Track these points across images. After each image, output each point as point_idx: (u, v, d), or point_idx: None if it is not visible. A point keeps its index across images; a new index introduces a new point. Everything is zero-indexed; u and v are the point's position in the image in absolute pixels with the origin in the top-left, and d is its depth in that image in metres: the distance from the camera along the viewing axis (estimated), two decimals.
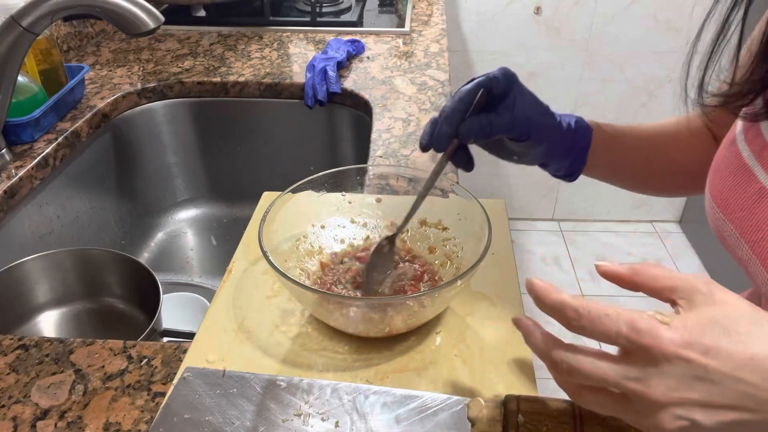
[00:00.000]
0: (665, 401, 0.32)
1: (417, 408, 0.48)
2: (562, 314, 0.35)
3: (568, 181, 0.67)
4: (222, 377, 0.51)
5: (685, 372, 0.32)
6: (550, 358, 0.36)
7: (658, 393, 0.32)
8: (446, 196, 0.64)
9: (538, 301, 0.36)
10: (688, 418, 0.33)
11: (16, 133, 0.88)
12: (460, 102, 0.56)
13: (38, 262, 0.79)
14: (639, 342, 0.32)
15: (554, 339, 0.36)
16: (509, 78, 0.57)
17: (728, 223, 0.49)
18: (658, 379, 0.32)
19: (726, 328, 0.32)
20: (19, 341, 0.58)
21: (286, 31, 1.34)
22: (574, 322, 0.34)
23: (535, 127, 0.58)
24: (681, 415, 0.33)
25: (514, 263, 0.64)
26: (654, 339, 0.32)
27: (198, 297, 1.02)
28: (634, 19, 1.95)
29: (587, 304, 0.34)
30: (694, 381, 0.32)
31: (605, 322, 0.33)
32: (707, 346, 0.32)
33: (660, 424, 0.33)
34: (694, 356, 0.32)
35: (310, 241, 0.64)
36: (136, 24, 0.78)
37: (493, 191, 2.29)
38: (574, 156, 0.63)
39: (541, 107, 0.59)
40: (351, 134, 1.12)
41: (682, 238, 2.29)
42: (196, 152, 1.20)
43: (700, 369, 0.32)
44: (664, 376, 0.32)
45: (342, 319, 0.54)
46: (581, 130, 0.63)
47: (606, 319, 0.33)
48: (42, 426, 0.49)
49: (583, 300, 0.35)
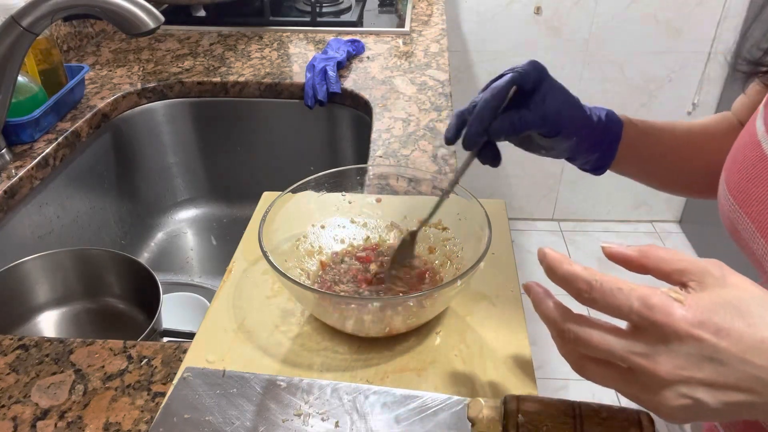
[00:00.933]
0: (671, 379, 0.32)
1: (417, 408, 0.48)
2: (573, 286, 0.34)
3: (596, 174, 0.65)
4: (222, 377, 0.51)
5: (694, 351, 0.32)
6: (557, 327, 0.35)
7: (665, 370, 0.32)
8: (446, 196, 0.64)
9: (550, 271, 0.36)
10: (693, 397, 0.33)
11: (16, 133, 0.88)
12: (492, 99, 0.55)
13: (38, 262, 0.79)
14: (651, 318, 0.32)
15: (564, 308, 0.36)
16: (540, 72, 0.56)
17: (744, 216, 0.49)
18: (667, 356, 0.32)
19: (739, 310, 0.32)
20: (19, 341, 0.58)
21: (286, 31, 1.34)
22: (586, 294, 0.34)
23: (565, 122, 0.57)
24: (685, 393, 0.33)
25: (514, 263, 0.64)
26: (666, 316, 0.32)
27: (198, 297, 1.02)
28: (634, 19, 1.95)
29: (600, 276, 0.34)
30: (703, 360, 0.32)
31: (617, 296, 0.33)
32: (719, 327, 0.32)
33: (663, 401, 0.33)
34: (705, 336, 0.32)
35: (310, 241, 0.64)
36: (136, 24, 0.78)
37: (493, 191, 2.29)
38: (602, 150, 0.62)
39: (571, 101, 0.58)
40: (351, 134, 1.12)
41: (682, 238, 2.29)
42: (196, 152, 1.20)
43: (710, 349, 0.32)
44: (672, 354, 0.32)
45: (342, 319, 0.54)
46: (612, 123, 0.62)
47: (618, 293, 0.33)
48: (42, 426, 0.49)
49: (595, 272, 0.34)
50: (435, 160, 0.86)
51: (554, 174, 2.26)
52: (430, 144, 0.90)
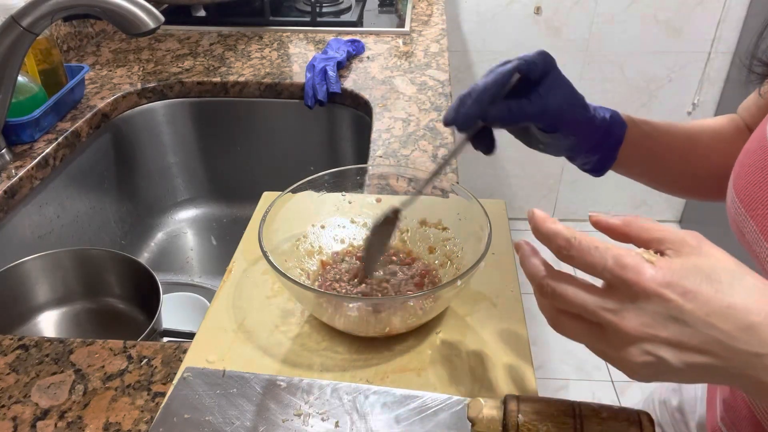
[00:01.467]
0: (636, 335, 0.33)
1: (417, 408, 0.48)
2: (554, 242, 0.36)
3: (595, 176, 0.65)
4: (222, 377, 0.51)
5: (660, 310, 0.33)
6: (538, 281, 0.37)
7: (631, 326, 0.33)
8: (446, 196, 0.64)
9: (535, 229, 0.37)
10: (656, 355, 0.34)
11: (16, 133, 0.88)
12: (493, 84, 0.54)
13: (38, 262, 0.79)
14: (622, 276, 0.33)
15: (546, 265, 0.37)
16: (547, 64, 0.55)
17: (750, 220, 0.49)
18: (634, 313, 0.33)
19: (708, 276, 0.33)
20: (19, 341, 0.58)
21: (286, 31, 1.34)
22: (564, 251, 0.36)
23: (566, 119, 0.56)
24: (649, 350, 0.34)
25: (514, 263, 0.64)
26: (636, 275, 0.33)
27: (198, 297, 1.02)
28: (634, 19, 1.95)
29: (579, 235, 0.35)
30: (668, 320, 0.33)
31: (593, 254, 0.34)
32: (686, 289, 0.33)
33: (627, 356, 0.34)
34: (672, 296, 0.33)
35: (310, 241, 0.64)
36: (136, 24, 0.78)
37: (493, 191, 2.29)
38: (603, 152, 0.62)
39: (575, 99, 0.57)
40: (351, 134, 1.12)
41: None
42: (196, 152, 1.20)
43: (675, 309, 0.33)
44: (639, 312, 0.33)
45: (342, 319, 0.54)
46: (615, 125, 0.61)
47: (594, 251, 0.34)
48: (42, 426, 0.49)
49: (576, 232, 0.36)
50: (435, 160, 0.86)
51: (554, 174, 2.26)
52: (430, 144, 0.90)
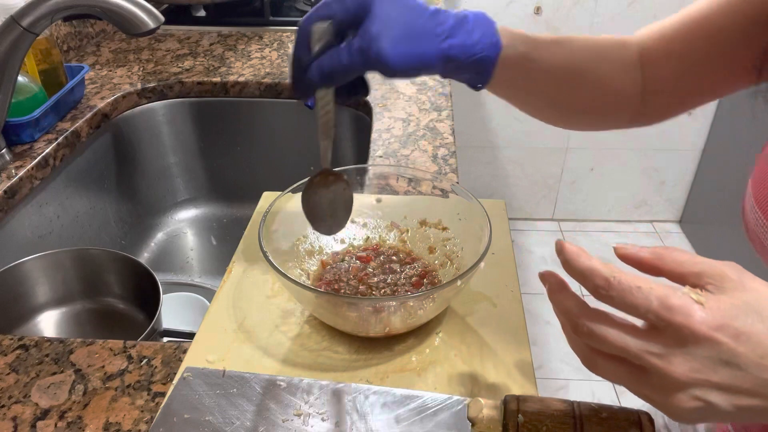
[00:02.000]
0: (686, 381, 0.32)
1: (417, 408, 0.48)
2: (590, 281, 0.34)
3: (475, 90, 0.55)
4: (222, 377, 0.51)
5: (711, 354, 0.31)
6: (572, 320, 0.35)
7: (680, 372, 0.32)
8: (446, 196, 0.64)
9: (567, 264, 0.35)
10: (706, 400, 0.32)
11: (16, 133, 0.88)
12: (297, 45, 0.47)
13: (38, 262, 0.78)
14: (670, 319, 0.31)
15: (579, 301, 0.35)
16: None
17: None
18: (683, 358, 0.32)
19: (759, 314, 0.32)
20: (19, 341, 0.58)
21: (286, 31, 1.34)
22: (603, 291, 0.33)
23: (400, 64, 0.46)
24: (699, 396, 0.32)
25: (514, 263, 0.64)
26: (686, 318, 0.31)
27: (198, 297, 1.02)
28: (634, 19, 1.94)
29: (618, 273, 0.33)
30: (719, 364, 0.32)
31: (636, 294, 0.32)
32: (739, 331, 0.31)
33: (676, 402, 0.33)
34: (724, 339, 0.31)
35: (310, 241, 0.64)
36: (136, 24, 0.78)
37: (493, 191, 2.29)
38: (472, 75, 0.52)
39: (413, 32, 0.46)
40: (351, 134, 1.12)
41: (682, 238, 2.29)
42: (196, 152, 1.20)
43: (727, 353, 0.31)
44: (689, 356, 0.32)
45: (341, 319, 0.54)
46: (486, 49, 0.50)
47: (637, 291, 0.32)
48: (42, 426, 0.49)
49: (614, 268, 0.33)
50: (435, 160, 0.86)
51: (554, 174, 2.27)
52: (430, 144, 0.90)
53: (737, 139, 1.93)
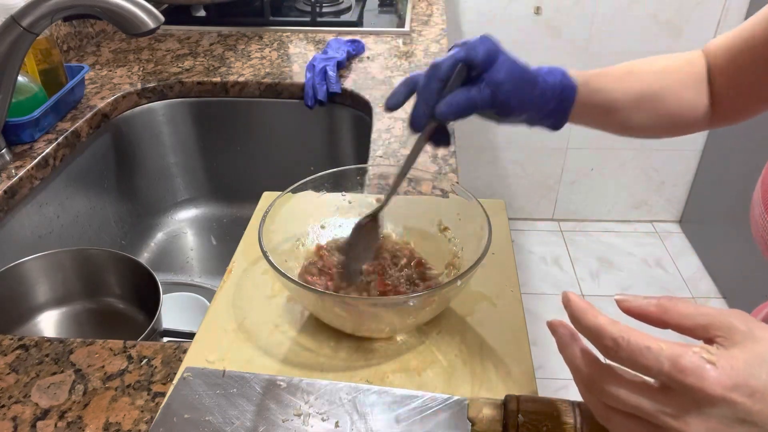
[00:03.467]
0: None
1: (417, 408, 0.48)
2: (599, 341, 0.34)
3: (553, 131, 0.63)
4: (222, 377, 0.51)
5: (727, 414, 0.31)
6: (583, 377, 0.35)
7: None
8: (446, 196, 0.64)
9: (574, 320, 0.35)
10: None
11: (16, 133, 0.88)
12: (434, 81, 0.53)
13: (38, 262, 0.79)
14: (682, 382, 0.31)
15: (591, 356, 0.35)
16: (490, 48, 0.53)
17: None
18: (698, 418, 0.32)
19: None
20: (19, 341, 0.58)
21: (286, 31, 1.34)
22: (612, 352, 0.33)
23: (515, 104, 0.55)
24: None
25: (514, 263, 0.64)
26: (699, 380, 0.31)
27: (198, 297, 1.02)
28: (634, 19, 1.95)
29: (627, 333, 0.33)
30: (736, 422, 0.31)
31: (646, 355, 0.32)
32: (754, 389, 0.31)
33: None
34: (740, 399, 0.31)
35: (310, 241, 0.64)
36: (136, 24, 0.78)
37: (493, 191, 2.30)
38: (555, 117, 0.61)
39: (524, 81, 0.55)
40: (351, 134, 1.12)
41: (682, 238, 2.29)
42: (196, 152, 1.20)
43: (743, 412, 0.31)
44: (704, 416, 0.31)
45: (341, 319, 0.54)
46: (566, 91, 0.59)
47: (647, 352, 0.32)
48: (42, 426, 0.49)
49: (622, 328, 0.33)
50: (435, 160, 0.86)
51: (554, 174, 2.27)
52: None
53: (737, 139, 1.93)
